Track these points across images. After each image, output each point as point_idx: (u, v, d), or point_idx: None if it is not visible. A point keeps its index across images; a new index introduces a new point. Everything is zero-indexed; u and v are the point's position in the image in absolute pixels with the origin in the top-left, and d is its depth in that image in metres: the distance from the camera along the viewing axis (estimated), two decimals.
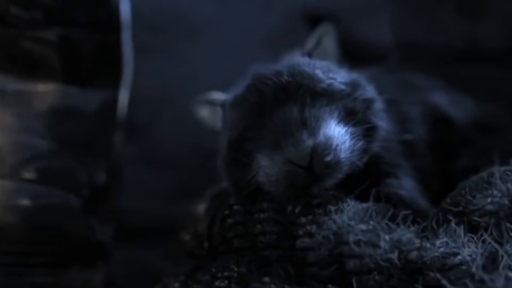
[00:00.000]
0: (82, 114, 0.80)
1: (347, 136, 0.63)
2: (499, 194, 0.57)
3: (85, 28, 0.80)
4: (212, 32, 1.05)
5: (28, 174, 0.77)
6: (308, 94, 0.65)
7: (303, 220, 0.61)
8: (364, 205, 0.61)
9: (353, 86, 0.68)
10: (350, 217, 0.59)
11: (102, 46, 0.81)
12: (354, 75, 0.70)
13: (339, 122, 0.64)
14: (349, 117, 0.65)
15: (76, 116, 0.80)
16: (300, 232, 0.60)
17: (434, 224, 0.57)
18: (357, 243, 0.57)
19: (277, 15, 1.06)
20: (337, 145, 0.61)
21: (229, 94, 0.72)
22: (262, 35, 1.04)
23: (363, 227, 0.58)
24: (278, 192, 0.63)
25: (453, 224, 0.56)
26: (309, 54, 0.74)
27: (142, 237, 0.97)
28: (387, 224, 0.58)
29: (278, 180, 0.62)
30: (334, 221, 0.59)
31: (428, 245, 0.55)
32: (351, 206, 0.61)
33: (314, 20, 0.99)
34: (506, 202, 0.57)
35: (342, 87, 0.67)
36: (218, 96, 0.78)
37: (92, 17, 0.80)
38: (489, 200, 0.57)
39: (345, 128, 0.63)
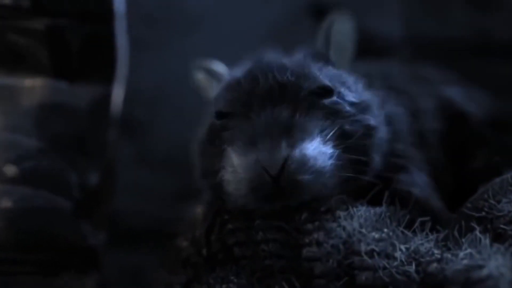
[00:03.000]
0: (72, 111, 0.76)
1: (330, 160, 0.58)
2: None
3: (75, 18, 0.75)
4: (210, 25, 1.02)
5: (13, 175, 0.72)
6: (306, 102, 0.60)
7: (310, 226, 0.57)
8: (377, 209, 0.57)
9: (361, 107, 0.63)
10: (362, 223, 0.55)
11: (94, 38, 0.77)
12: (367, 95, 0.65)
13: (327, 141, 0.59)
14: (341, 139, 0.59)
15: (65, 113, 0.75)
16: (307, 240, 0.56)
17: (456, 233, 0.53)
18: (370, 253, 0.52)
19: (279, 7, 1.03)
20: (313, 166, 0.56)
21: (229, 71, 0.70)
22: (263, 28, 1.01)
23: (376, 235, 0.53)
24: (239, 194, 0.58)
25: (477, 232, 0.51)
26: (322, 50, 0.69)
27: (136, 240, 0.94)
28: (402, 232, 0.54)
29: (243, 181, 0.57)
30: (344, 228, 0.55)
31: (449, 256, 0.50)
32: (362, 211, 0.56)
33: (319, 13, 0.96)
34: None
35: (347, 107, 0.62)
36: (218, 67, 0.74)
37: (83, 7, 0.76)
38: None
39: (332, 151, 0.58)
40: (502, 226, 0.53)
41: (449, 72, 0.84)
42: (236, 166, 0.58)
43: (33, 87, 0.74)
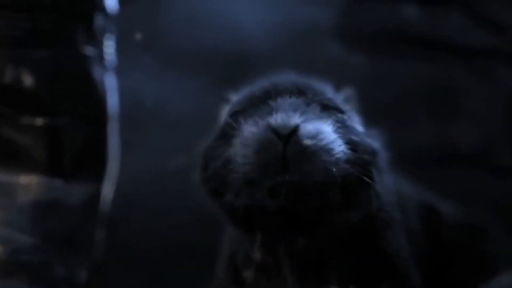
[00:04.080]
0: (65, 208, 0.76)
1: (339, 149, 0.60)
2: None
3: (73, 118, 0.77)
4: (186, 126, 1.03)
5: (7, 269, 0.72)
6: (320, 106, 0.63)
7: None
8: None
9: (366, 135, 0.66)
10: None
11: (89, 139, 0.78)
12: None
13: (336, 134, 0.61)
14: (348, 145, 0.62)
15: (59, 210, 0.76)
16: None
17: None
18: None
19: None
20: (323, 139, 0.58)
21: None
22: None
23: None
24: (246, 162, 0.59)
25: None
26: None
27: None
28: None
29: (252, 145, 0.58)
30: None
31: None
32: None
33: None
34: None
35: (355, 126, 0.65)
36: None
37: (79, 109, 0.78)
38: None
39: (341, 145, 0.61)
40: None
41: (415, 181, 0.86)
42: (246, 132, 0.60)
43: (29, 184, 0.75)
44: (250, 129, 0.59)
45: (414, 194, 0.79)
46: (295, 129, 0.57)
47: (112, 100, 0.80)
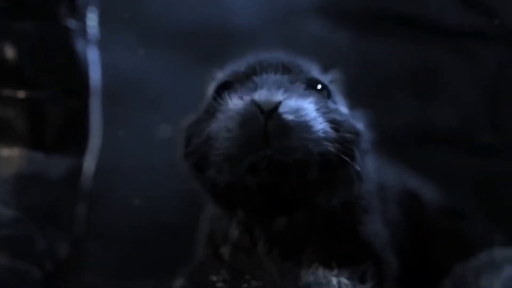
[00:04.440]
0: (47, 182, 0.77)
1: (320, 126, 0.59)
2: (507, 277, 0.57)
3: (54, 92, 0.77)
4: (168, 102, 1.03)
5: None
6: (304, 82, 0.63)
7: None
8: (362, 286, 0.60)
9: (350, 115, 0.66)
10: None
11: (70, 112, 0.78)
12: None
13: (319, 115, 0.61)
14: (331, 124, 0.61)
15: (41, 183, 0.76)
16: None
17: None
18: None
19: None
20: (304, 116, 0.58)
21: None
22: None
23: None
24: (229, 136, 0.59)
25: None
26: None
27: None
28: None
29: (234, 118, 0.58)
30: None
31: None
32: (349, 285, 0.59)
33: None
34: None
35: (339, 106, 0.65)
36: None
37: (61, 82, 0.78)
38: (498, 283, 0.57)
39: (323, 123, 0.60)
40: None
41: (393, 159, 0.86)
42: (230, 109, 0.59)
43: (10, 157, 0.75)
44: (233, 104, 0.59)
45: (395, 180, 0.79)
46: (277, 105, 0.57)
47: (95, 74, 0.80)
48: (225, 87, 0.64)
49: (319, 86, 0.65)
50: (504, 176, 1.03)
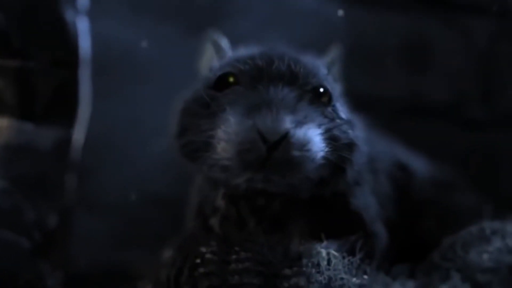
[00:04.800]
0: (36, 152, 0.76)
1: (321, 152, 0.59)
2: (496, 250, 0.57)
3: (43, 62, 0.76)
4: (158, 73, 1.02)
5: None
6: (310, 95, 0.62)
7: (288, 272, 0.59)
8: (351, 258, 0.60)
9: (349, 123, 0.66)
10: (341, 269, 0.57)
11: (60, 83, 0.78)
12: (352, 117, 0.68)
13: (322, 135, 0.60)
14: (330, 141, 0.61)
15: (29, 153, 0.76)
16: (286, 285, 0.57)
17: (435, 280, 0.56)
18: None
19: None
20: (310, 149, 0.57)
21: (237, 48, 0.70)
22: None
23: (357, 281, 0.56)
24: (225, 155, 0.57)
25: (456, 280, 0.55)
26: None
27: (84, 284, 0.92)
28: (382, 278, 0.56)
29: (235, 143, 0.56)
30: (322, 274, 0.57)
31: None
32: (340, 257, 0.59)
33: None
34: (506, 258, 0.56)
35: (340, 116, 0.65)
36: (225, 44, 0.74)
37: (50, 52, 0.77)
38: (486, 256, 0.57)
39: (323, 145, 0.60)
40: (473, 274, 0.57)
41: (384, 131, 0.87)
42: (231, 127, 0.57)
43: None
44: (234, 125, 0.57)
45: (386, 152, 0.79)
46: (284, 136, 0.55)
47: (84, 44, 0.79)
48: (225, 83, 0.63)
49: (322, 91, 0.64)
50: (494, 149, 1.03)
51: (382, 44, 1.07)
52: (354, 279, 0.56)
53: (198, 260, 0.63)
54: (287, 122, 0.56)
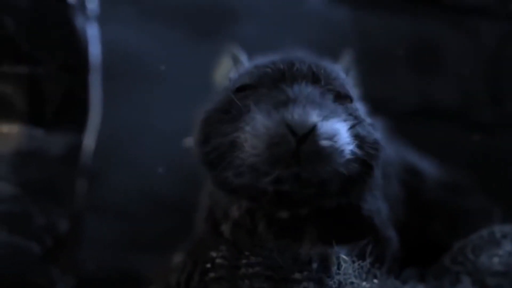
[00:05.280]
0: (46, 158, 0.76)
1: (350, 146, 0.59)
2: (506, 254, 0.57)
3: (53, 68, 0.76)
4: (167, 78, 1.03)
5: None
6: (334, 95, 0.62)
7: (298, 276, 0.59)
8: (361, 262, 0.60)
9: (372, 125, 0.66)
10: (350, 273, 0.58)
11: (70, 88, 0.78)
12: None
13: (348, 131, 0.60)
14: (356, 139, 0.61)
15: (40, 159, 0.76)
16: None
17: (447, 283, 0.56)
18: None
19: None
20: (338, 140, 0.57)
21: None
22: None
23: (367, 285, 0.56)
24: (254, 152, 0.57)
25: (467, 284, 0.55)
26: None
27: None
28: (392, 282, 0.56)
29: (264, 138, 0.56)
30: (332, 278, 0.58)
31: None
32: (349, 262, 0.59)
33: None
34: None
35: (363, 117, 0.65)
36: (242, 56, 0.73)
37: (60, 58, 0.77)
38: (496, 260, 0.57)
39: (351, 141, 0.59)
40: (483, 278, 0.57)
41: (393, 134, 0.86)
42: (258, 124, 0.57)
43: (10, 133, 0.75)
44: (262, 120, 0.57)
45: (396, 155, 0.79)
46: (313, 129, 0.56)
47: (94, 50, 0.80)
48: (248, 88, 0.63)
49: (346, 95, 0.64)
50: (504, 152, 1.03)
51: (390, 47, 1.07)
52: (364, 283, 0.56)
53: (208, 265, 0.63)
54: (315, 115, 0.56)
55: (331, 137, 0.56)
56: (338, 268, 0.59)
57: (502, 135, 1.04)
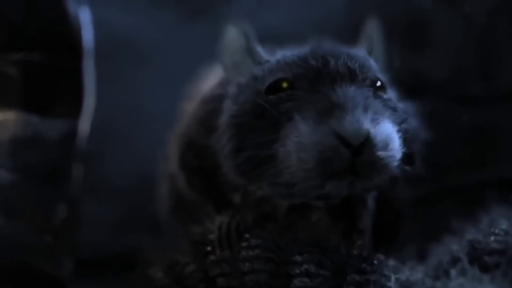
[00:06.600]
0: (43, 144, 0.76)
1: (401, 145, 0.57)
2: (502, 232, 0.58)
3: (47, 54, 0.76)
4: (159, 59, 1.03)
5: None
6: (371, 90, 0.59)
7: (298, 258, 0.59)
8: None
9: (405, 111, 0.64)
10: (350, 253, 0.58)
11: (64, 74, 0.78)
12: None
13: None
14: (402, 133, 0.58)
15: (37, 146, 0.76)
16: (297, 271, 0.58)
17: (445, 263, 0.57)
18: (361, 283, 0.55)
19: None
20: (393, 147, 0.55)
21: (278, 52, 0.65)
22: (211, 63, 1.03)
23: (367, 266, 0.57)
24: (303, 166, 0.54)
25: (465, 263, 0.56)
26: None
27: (93, 271, 0.93)
28: (392, 263, 0.57)
29: (314, 153, 0.53)
30: (333, 260, 0.58)
31: (440, 285, 0.54)
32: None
33: None
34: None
35: (398, 106, 0.63)
36: (258, 48, 0.66)
37: (54, 44, 0.77)
38: (492, 238, 0.58)
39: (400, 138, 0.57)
40: (481, 257, 0.57)
41: None
42: (305, 136, 0.54)
43: (6, 120, 0.75)
44: (309, 132, 0.54)
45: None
46: (367, 138, 0.53)
47: (87, 35, 0.79)
48: (279, 89, 0.59)
49: (380, 84, 0.62)
50: (495, 125, 1.04)
51: (380, 23, 1.07)
52: (363, 265, 0.57)
53: (208, 248, 0.63)
54: (366, 122, 0.53)
55: (387, 145, 0.54)
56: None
57: (493, 110, 1.04)
